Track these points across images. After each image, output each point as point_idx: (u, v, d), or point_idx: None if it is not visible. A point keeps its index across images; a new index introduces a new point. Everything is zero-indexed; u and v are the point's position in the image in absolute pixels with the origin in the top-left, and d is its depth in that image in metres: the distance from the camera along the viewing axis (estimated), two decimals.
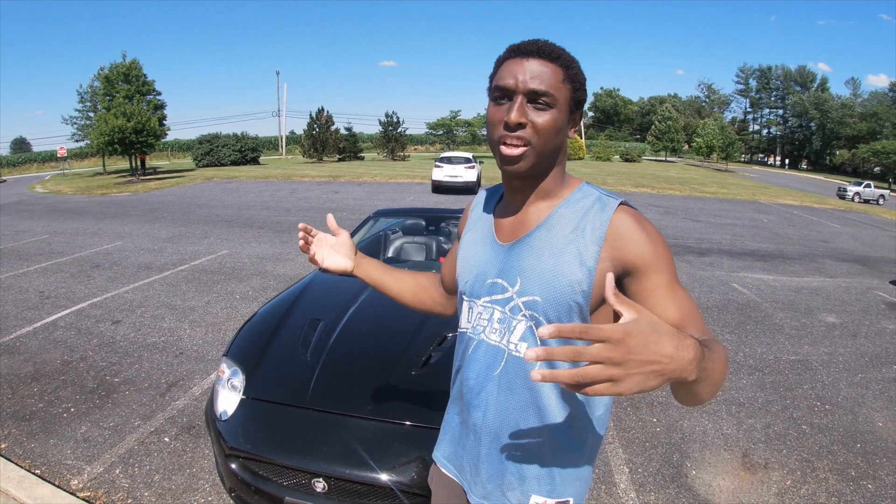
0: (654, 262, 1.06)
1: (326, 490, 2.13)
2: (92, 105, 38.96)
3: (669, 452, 3.48)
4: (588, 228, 1.09)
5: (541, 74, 1.07)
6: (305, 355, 2.65)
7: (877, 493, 3.13)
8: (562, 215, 1.15)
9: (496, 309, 1.18)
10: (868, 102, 76.61)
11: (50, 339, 5.12)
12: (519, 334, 1.14)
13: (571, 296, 1.08)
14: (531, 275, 1.12)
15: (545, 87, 1.07)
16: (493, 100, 1.13)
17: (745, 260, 10.05)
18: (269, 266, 8.24)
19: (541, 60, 1.08)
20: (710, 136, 54.97)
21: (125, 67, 30.18)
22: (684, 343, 0.79)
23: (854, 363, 5.15)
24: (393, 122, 46.94)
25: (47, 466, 3.14)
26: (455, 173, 19.04)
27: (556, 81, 1.08)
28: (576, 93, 1.12)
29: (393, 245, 4.56)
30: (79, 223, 12.92)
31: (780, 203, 22.68)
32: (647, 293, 1.06)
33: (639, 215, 1.10)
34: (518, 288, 1.14)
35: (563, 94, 1.09)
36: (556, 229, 1.13)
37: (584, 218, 1.11)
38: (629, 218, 1.08)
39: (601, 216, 1.09)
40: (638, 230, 1.07)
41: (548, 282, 1.10)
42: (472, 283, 1.24)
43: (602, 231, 1.08)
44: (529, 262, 1.13)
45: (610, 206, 1.10)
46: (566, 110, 1.11)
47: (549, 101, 1.08)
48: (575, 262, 1.08)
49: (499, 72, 1.12)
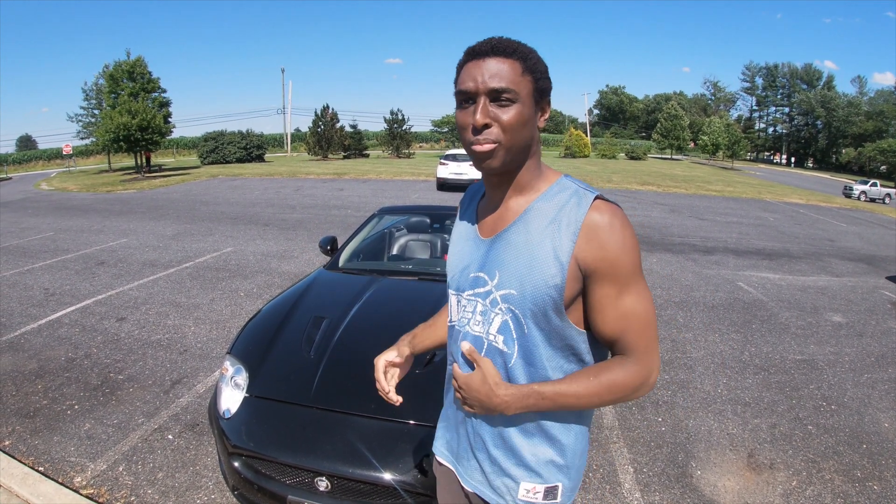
0: (608, 270, 1.09)
1: (329, 489, 2.13)
2: (97, 103, 39.04)
3: (674, 452, 3.46)
4: (564, 223, 1.11)
5: (499, 72, 1.09)
6: (309, 353, 2.65)
7: (882, 495, 3.10)
8: (538, 209, 1.16)
9: (478, 302, 1.22)
10: (874, 101, 76.23)
11: (54, 336, 5.13)
12: (496, 326, 1.18)
13: (545, 290, 1.10)
14: (508, 269, 1.15)
15: (505, 84, 1.08)
16: (458, 105, 1.15)
17: (751, 258, 10.01)
18: (274, 263, 8.25)
19: (497, 58, 1.10)
20: (715, 134, 54.69)
21: (129, 65, 30.20)
22: (495, 394, 1.12)
23: (860, 363, 5.11)
24: (398, 119, 46.91)
25: (51, 463, 3.14)
26: (460, 171, 19.00)
27: (515, 76, 1.09)
28: (538, 83, 1.13)
29: (397, 243, 4.55)
30: (84, 220, 12.96)
31: (786, 202, 22.57)
32: (594, 300, 1.13)
33: (613, 213, 1.11)
34: (496, 282, 1.17)
35: (523, 86, 1.10)
36: (533, 224, 1.15)
37: (561, 212, 1.13)
38: (603, 217, 1.09)
39: (577, 211, 1.11)
40: (608, 232, 1.09)
41: (523, 276, 1.13)
42: (458, 277, 1.28)
43: (577, 226, 1.09)
44: (507, 257, 1.16)
45: (586, 200, 1.11)
46: (530, 102, 1.12)
47: (510, 97, 1.09)
48: (549, 256, 1.10)
49: (460, 76, 1.14)
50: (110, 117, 27.01)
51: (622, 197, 19.53)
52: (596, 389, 1.11)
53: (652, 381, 1.16)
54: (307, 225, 11.92)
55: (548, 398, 1.12)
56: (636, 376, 1.13)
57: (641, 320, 1.13)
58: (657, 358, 1.16)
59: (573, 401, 1.12)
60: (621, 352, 1.15)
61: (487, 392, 1.12)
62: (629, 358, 1.14)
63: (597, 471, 3.22)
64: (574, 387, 1.12)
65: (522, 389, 1.12)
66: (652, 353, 1.15)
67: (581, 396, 1.11)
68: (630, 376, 1.13)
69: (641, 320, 1.13)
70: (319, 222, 12.33)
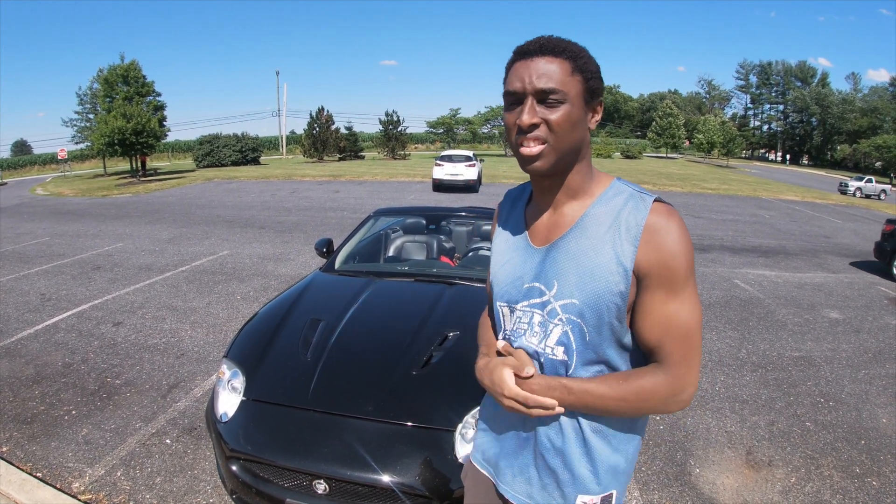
0: (662, 273, 1.07)
1: (328, 492, 2.12)
2: (92, 107, 38.95)
3: (673, 450, 3.46)
4: (623, 228, 1.08)
5: (547, 72, 1.06)
6: (306, 356, 2.64)
7: (881, 490, 3.11)
8: (595, 215, 1.13)
9: (535, 313, 1.18)
10: (869, 97, 76.43)
11: (51, 342, 5.12)
12: (555, 338, 1.15)
13: (609, 297, 1.08)
14: (568, 278, 1.12)
15: (553, 84, 1.06)
16: (505, 106, 1.12)
17: (747, 256, 10.03)
18: (270, 266, 8.24)
19: (546, 57, 1.07)
20: (710, 132, 54.81)
21: (124, 69, 30.16)
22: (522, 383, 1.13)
23: (857, 359, 5.13)
24: (393, 120, 46.87)
25: (49, 469, 3.13)
26: (456, 172, 19.01)
27: (564, 76, 1.07)
28: (588, 83, 1.10)
29: (394, 244, 4.54)
30: (80, 225, 12.92)
31: (782, 199, 22.65)
32: (641, 304, 1.10)
33: (671, 216, 1.08)
34: (555, 291, 1.13)
35: (573, 86, 1.07)
36: (591, 230, 1.12)
37: (619, 216, 1.10)
38: (661, 219, 1.07)
39: (636, 215, 1.08)
40: (666, 235, 1.06)
41: (586, 284, 1.10)
42: (509, 289, 1.23)
43: (638, 230, 1.07)
44: (566, 266, 1.13)
45: (644, 204, 1.09)
46: (580, 103, 1.09)
47: (558, 98, 1.06)
48: (612, 263, 1.08)
49: (508, 77, 1.12)
50: (105, 121, 26.97)
51: None
52: (623, 393, 1.08)
53: (685, 397, 1.10)
54: (303, 227, 11.91)
55: (574, 394, 1.10)
56: (665, 387, 1.08)
57: (682, 330, 1.08)
58: (694, 373, 1.10)
59: (598, 401, 1.09)
60: (658, 360, 1.11)
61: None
62: (662, 367, 1.10)
63: None
64: (602, 387, 1.09)
65: (551, 381, 1.12)
66: (688, 365, 1.09)
67: (607, 398, 1.09)
68: (658, 385, 1.08)
69: (682, 330, 1.08)
70: (315, 224, 12.31)
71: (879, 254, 9.51)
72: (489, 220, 4.73)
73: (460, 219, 5.14)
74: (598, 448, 1.16)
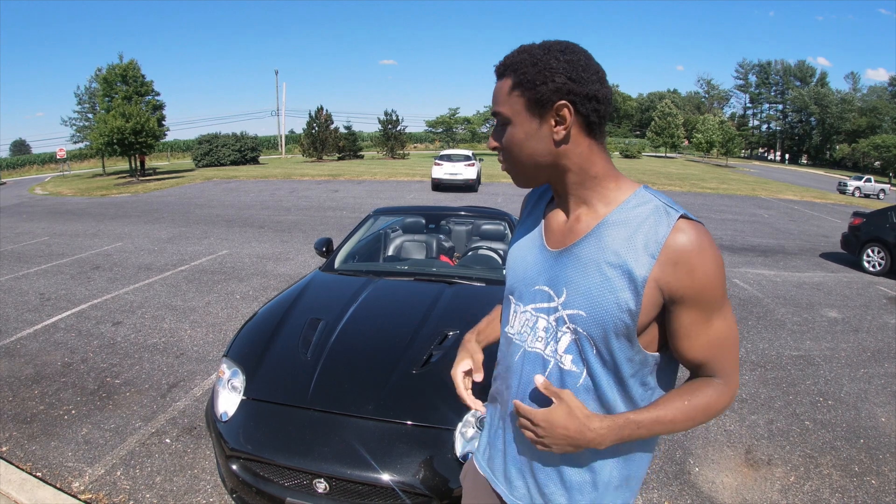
0: (697, 296, 1.01)
1: (328, 490, 2.12)
2: (90, 106, 38.93)
3: (672, 449, 3.47)
4: (641, 243, 1.01)
5: (495, 95, 1.09)
6: (306, 355, 2.64)
7: (880, 489, 3.12)
8: (613, 225, 1.06)
9: (541, 317, 1.14)
10: (867, 97, 76.54)
11: (50, 341, 5.11)
12: (564, 346, 1.10)
13: (618, 314, 1.02)
14: (577, 288, 1.07)
15: (496, 108, 1.09)
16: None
17: (746, 255, 10.04)
18: (270, 266, 8.24)
19: (497, 81, 1.09)
20: (709, 131, 54.83)
21: (123, 69, 30.15)
22: (588, 428, 1.03)
23: (856, 358, 5.14)
24: (392, 120, 46.88)
25: (48, 469, 3.13)
26: (455, 171, 19.01)
27: (503, 96, 1.07)
28: (531, 92, 1.03)
29: (393, 243, 4.55)
30: (79, 225, 12.91)
31: (781, 198, 22.67)
32: (680, 327, 1.05)
33: (700, 233, 1.00)
34: (563, 299, 1.09)
35: (512, 105, 1.06)
36: (607, 240, 1.05)
37: (639, 230, 1.02)
38: (688, 239, 0.99)
39: (657, 231, 1.00)
40: (696, 257, 0.99)
41: (593, 298, 1.04)
42: (519, 287, 1.21)
43: (657, 248, 0.99)
44: (576, 275, 1.08)
45: (668, 219, 1.01)
46: (524, 119, 1.05)
47: (502, 121, 1.08)
48: (623, 279, 1.01)
49: None
50: (104, 121, 26.94)
51: None
52: (691, 413, 1.06)
53: (734, 398, 1.13)
54: (302, 227, 11.91)
55: (644, 426, 1.05)
56: (726, 397, 1.09)
57: (729, 344, 1.07)
58: (738, 377, 1.12)
59: (669, 426, 1.06)
60: (708, 374, 1.09)
61: (578, 427, 1.03)
62: (718, 379, 1.08)
63: None
64: (671, 413, 1.05)
65: (617, 420, 1.04)
66: (737, 372, 1.11)
67: (677, 422, 1.06)
68: (721, 398, 1.08)
69: (729, 344, 1.07)
70: (315, 224, 12.31)
71: (846, 245, 10.05)
72: (489, 220, 4.74)
73: (460, 218, 5.15)
74: (592, 461, 1.14)
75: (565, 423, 1.03)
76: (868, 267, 9.42)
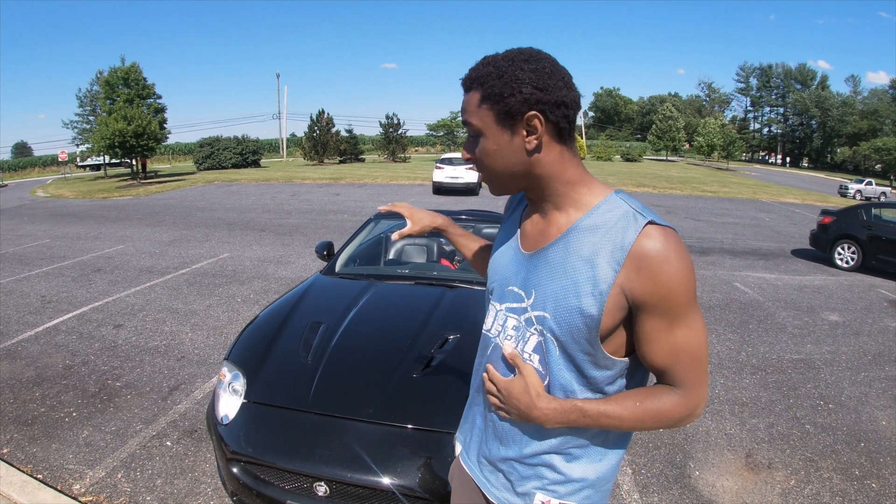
0: (659, 303, 1.01)
1: (328, 494, 2.13)
2: (92, 109, 39.00)
3: (672, 453, 3.47)
4: (608, 248, 1.02)
5: (464, 107, 1.10)
6: (307, 358, 2.64)
7: (881, 493, 3.11)
8: (583, 230, 1.07)
9: (510, 317, 1.18)
10: (868, 100, 76.59)
11: (52, 344, 5.12)
12: (532, 346, 1.13)
13: (579, 318, 1.04)
14: (544, 290, 1.10)
15: (467, 118, 1.10)
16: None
17: (747, 259, 10.04)
18: (271, 269, 8.25)
19: (465, 94, 1.10)
20: (710, 134, 54.86)
21: (124, 71, 30.20)
22: (536, 406, 1.09)
23: (857, 362, 5.13)
24: (394, 123, 46.91)
25: (49, 471, 3.13)
26: (456, 174, 19.02)
27: (474, 108, 1.08)
28: (500, 105, 1.04)
29: (394, 247, 4.55)
30: (80, 227, 12.93)
31: (782, 201, 22.66)
32: (643, 332, 1.05)
33: (668, 240, 1.00)
34: (532, 301, 1.12)
35: (483, 117, 1.07)
36: (574, 245, 1.07)
37: (607, 235, 1.03)
38: (653, 245, 0.99)
39: (624, 236, 1.01)
40: (661, 263, 0.99)
41: (558, 301, 1.07)
42: (497, 287, 1.24)
43: (622, 254, 1.00)
44: (544, 277, 1.10)
45: (636, 224, 1.01)
46: (495, 130, 1.06)
47: (474, 132, 1.10)
48: (588, 283, 1.03)
49: None
50: (106, 124, 27.01)
51: None
52: (640, 415, 1.06)
53: (698, 412, 1.10)
54: (303, 230, 11.92)
55: (590, 417, 1.07)
56: (682, 409, 1.07)
57: (692, 354, 1.06)
58: (706, 390, 1.10)
59: (616, 423, 1.07)
60: (670, 382, 1.09)
61: (528, 403, 1.09)
62: (677, 390, 1.08)
63: None
64: (619, 409, 1.07)
65: (565, 405, 1.08)
66: (701, 386, 1.08)
67: (624, 420, 1.07)
68: (676, 408, 1.07)
69: (692, 354, 1.06)
70: (316, 227, 12.32)
71: (815, 242, 10.46)
72: (489, 223, 4.74)
73: (460, 222, 5.14)
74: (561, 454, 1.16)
75: (518, 396, 1.10)
76: (840, 263, 9.81)
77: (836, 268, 9.71)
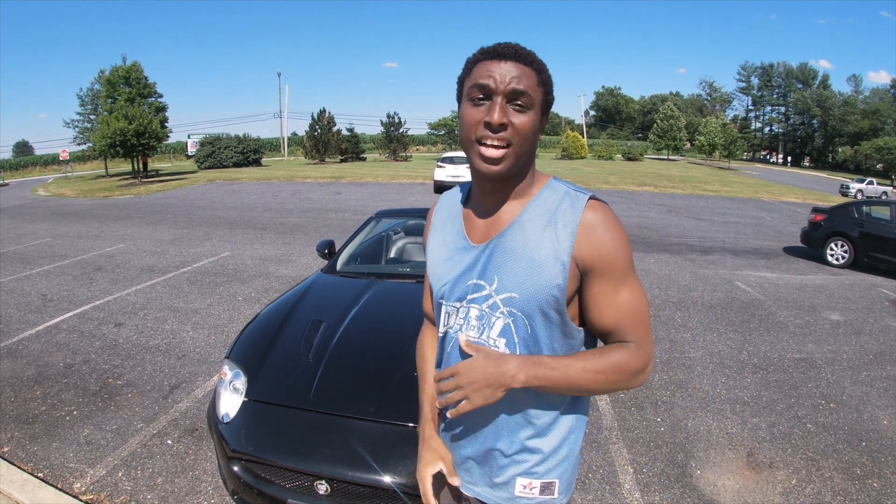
0: (606, 267, 1.12)
1: (329, 492, 2.13)
2: (93, 108, 39.02)
3: (674, 452, 3.46)
4: (560, 224, 1.13)
5: (519, 76, 1.09)
6: (307, 357, 2.65)
7: (882, 492, 3.11)
8: (533, 212, 1.17)
9: (472, 307, 1.20)
10: (870, 99, 76.52)
11: (52, 342, 5.12)
12: (497, 330, 1.17)
13: (549, 290, 1.12)
14: (508, 273, 1.15)
15: (525, 88, 1.09)
16: (470, 100, 1.12)
17: (749, 258, 10.03)
18: (272, 268, 8.25)
19: (517, 63, 1.10)
20: (712, 134, 54.75)
21: (125, 70, 30.21)
22: (503, 366, 1.09)
23: (858, 361, 5.13)
24: (395, 122, 46.88)
25: (50, 469, 3.13)
26: (457, 173, 18.99)
27: (533, 84, 1.11)
28: (547, 96, 1.16)
29: (395, 246, 4.55)
30: (81, 226, 12.94)
31: (783, 201, 22.62)
32: (591, 296, 1.15)
33: (606, 212, 1.14)
34: (496, 286, 1.16)
35: (538, 96, 1.12)
36: (529, 226, 1.16)
37: (556, 213, 1.15)
38: (597, 216, 1.12)
39: (572, 211, 1.13)
40: (603, 230, 1.12)
41: (524, 279, 1.13)
42: (451, 287, 1.25)
43: (574, 226, 1.12)
44: (505, 261, 1.16)
45: (579, 202, 1.14)
46: (540, 113, 1.14)
47: (527, 103, 1.10)
48: (550, 258, 1.12)
49: (474, 72, 1.12)
50: (107, 122, 27.03)
51: (620, 198, 19.56)
52: (602, 366, 1.12)
53: (649, 369, 1.19)
54: (305, 229, 11.92)
55: (557, 369, 1.10)
56: (638, 360, 1.15)
57: (637, 312, 1.17)
58: (652, 349, 1.20)
59: (580, 375, 1.11)
60: (621, 340, 1.17)
61: (496, 362, 1.10)
62: (630, 344, 1.16)
63: (597, 471, 3.22)
64: (581, 361, 1.12)
65: (531, 357, 1.12)
66: (648, 342, 1.18)
67: (588, 371, 1.11)
68: (634, 358, 1.15)
69: (637, 312, 1.17)
70: (317, 226, 12.32)
71: (806, 240, 10.49)
72: None
73: None
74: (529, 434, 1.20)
75: (483, 365, 1.10)
76: (832, 260, 9.85)
77: (827, 265, 9.74)
